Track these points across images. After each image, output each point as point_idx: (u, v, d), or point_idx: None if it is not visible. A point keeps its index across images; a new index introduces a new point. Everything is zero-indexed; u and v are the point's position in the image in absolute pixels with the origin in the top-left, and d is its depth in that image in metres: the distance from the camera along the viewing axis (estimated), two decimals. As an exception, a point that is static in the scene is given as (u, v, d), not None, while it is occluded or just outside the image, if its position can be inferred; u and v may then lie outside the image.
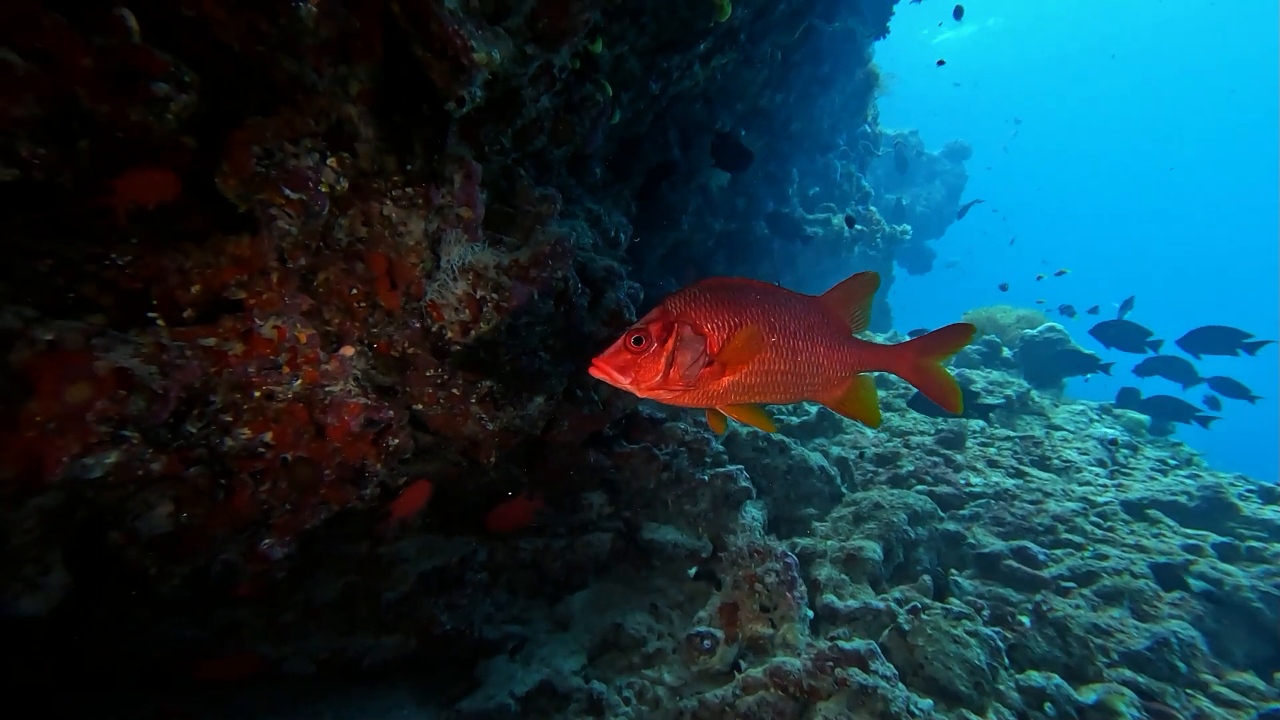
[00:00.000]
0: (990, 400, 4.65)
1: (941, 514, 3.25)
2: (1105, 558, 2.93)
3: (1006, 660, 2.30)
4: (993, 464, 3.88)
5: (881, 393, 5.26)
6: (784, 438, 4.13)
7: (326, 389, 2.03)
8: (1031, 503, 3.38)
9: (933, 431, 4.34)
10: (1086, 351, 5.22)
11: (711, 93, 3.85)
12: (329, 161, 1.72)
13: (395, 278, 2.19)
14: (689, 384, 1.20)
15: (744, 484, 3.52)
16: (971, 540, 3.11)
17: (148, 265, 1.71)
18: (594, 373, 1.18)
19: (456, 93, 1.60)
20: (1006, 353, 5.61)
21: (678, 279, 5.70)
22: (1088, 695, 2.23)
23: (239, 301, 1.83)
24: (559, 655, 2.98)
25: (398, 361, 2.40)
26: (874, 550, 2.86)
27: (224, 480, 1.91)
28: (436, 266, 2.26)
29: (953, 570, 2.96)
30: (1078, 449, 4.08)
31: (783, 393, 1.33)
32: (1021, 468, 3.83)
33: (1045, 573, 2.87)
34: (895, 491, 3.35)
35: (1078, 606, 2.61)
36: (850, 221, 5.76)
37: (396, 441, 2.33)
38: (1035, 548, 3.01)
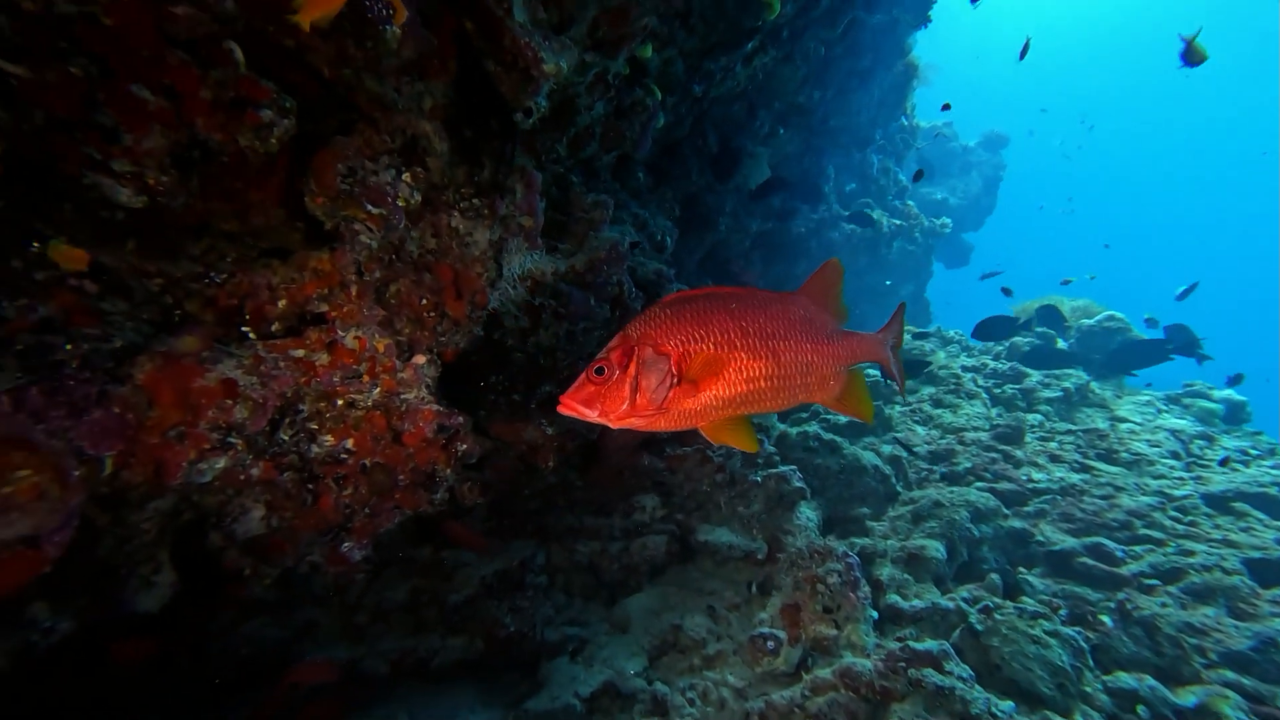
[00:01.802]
0: (1048, 394, 4.52)
1: (1006, 511, 3.17)
2: (1191, 554, 2.81)
3: (1091, 661, 2.23)
4: (1055, 459, 3.76)
5: (929, 389, 5.16)
6: (835, 437, 4.09)
7: (402, 396, 2.11)
8: (1102, 498, 3.26)
9: (988, 427, 4.23)
10: (1149, 338, 5.03)
11: (751, 92, 3.86)
12: (404, 176, 1.80)
13: (461, 287, 2.26)
14: (660, 407, 1.14)
15: (798, 484, 3.50)
16: (1040, 538, 3.02)
17: (241, 282, 1.81)
18: (562, 410, 1.13)
19: (524, 104, 1.66)
20: (1062, 344, 5.44)
21: (715, 281, 5.71)
22: (1186, 698, 2.13)
23: (322, 314, 1.92)
24: (620, 657, 3.00)
25: (463, 369, 2.47)
26: (937, 549, 2.81)
27: (311, 485, 2.00)
28: (499, 275, 2.33)
29: (1021, 569, 2.88)
30: (1148, 441, 3.92)
31: (775, 399, 1.27)
32: (1087, 462, 3.70)
33: (1124, 570, 2.77)
34: (954, 489, 3.28)
35: (1165, 605, 2.50)
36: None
37: (465, 447, 2.39)
38: (1111, 544, 2.90)
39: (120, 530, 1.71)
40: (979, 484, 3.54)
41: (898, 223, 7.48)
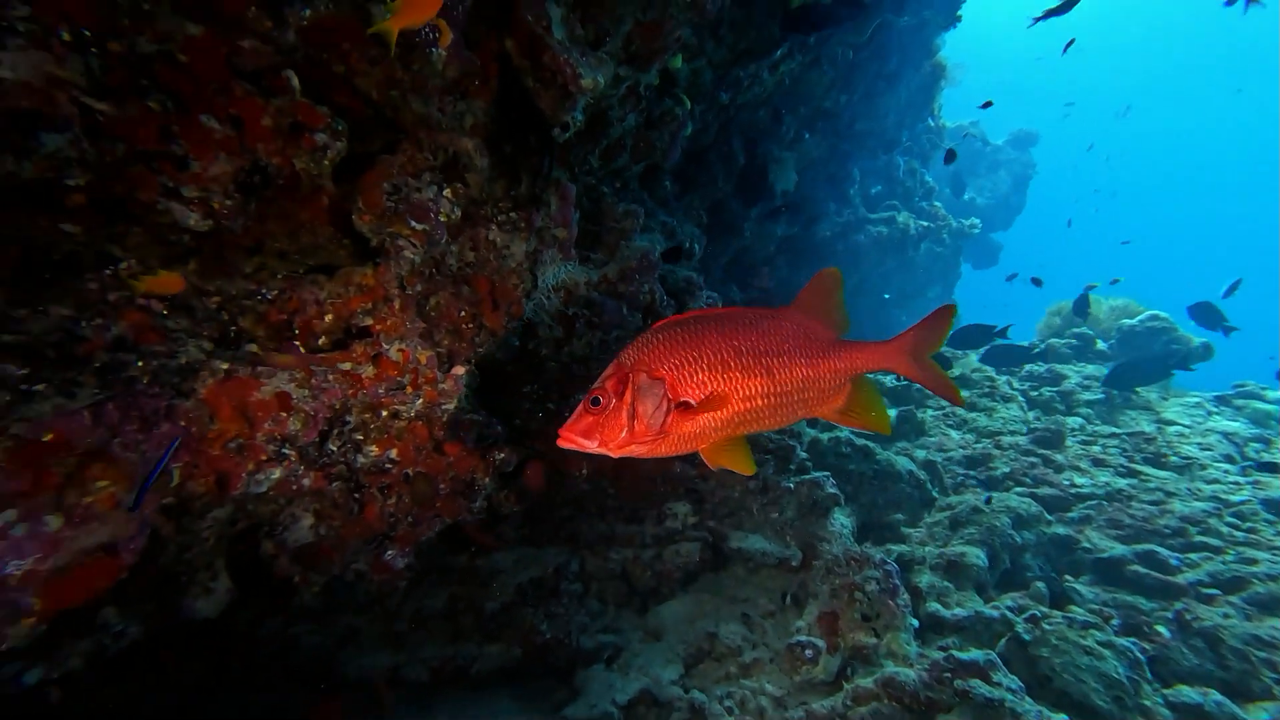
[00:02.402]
0: (1088, 396, 4.40)
1: (1048, 517, 3.10)
2: (1254, 562, 2.70)
3: (1149, 673, 2.15)
4: (1099, 463, 3.66)
5: (965, 392, 5.07)
6: (867, 442, 4.04)
7: (443, 407, 2.16)
8: (1152, 503, 3.16)
9: (1025, 431, 4.14)
10: (1197, 341, 4.87)
11: (777, 98, 3.87)
12: (445, 192, 1.85)
13: (498, 299, 2.31)
14: (659, 432, 1.13)
15: (831, 490, 3.47)
16: (1086, 544, 2.95)
17: (291, 298, 1.88)
18: (561, 444, 1.12)
19: (562, 118, 1.70)
20: (1101, 345, 5.29)
21: (740, 287, 5.71)
22: (1258, 715, 2.04)
23: (366, 328, 1.98)
24: (655, 664, 3.00)
25: (500, 378, 2.52)
26: (977, 556, 2.76)
27: (357, 495, 2.06)
28: (534, 286, 2.37)
29: (1068, 577, 2.81)
30: (1199, 444, 3.79)
31: (774, 416, 1.25)
32: (1134, 466, 3.59)
33: (1180, 579, 2.67)
34: (995, 495, 3.21)
35: (1228, 616, 2.41)
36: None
37: (502, 456, 2.43)
38: (1165, 551, 2.80)
39: (182, 538, 1.78)
40: (1019, 489, 3.46)
41: (925, 224, 7.39)
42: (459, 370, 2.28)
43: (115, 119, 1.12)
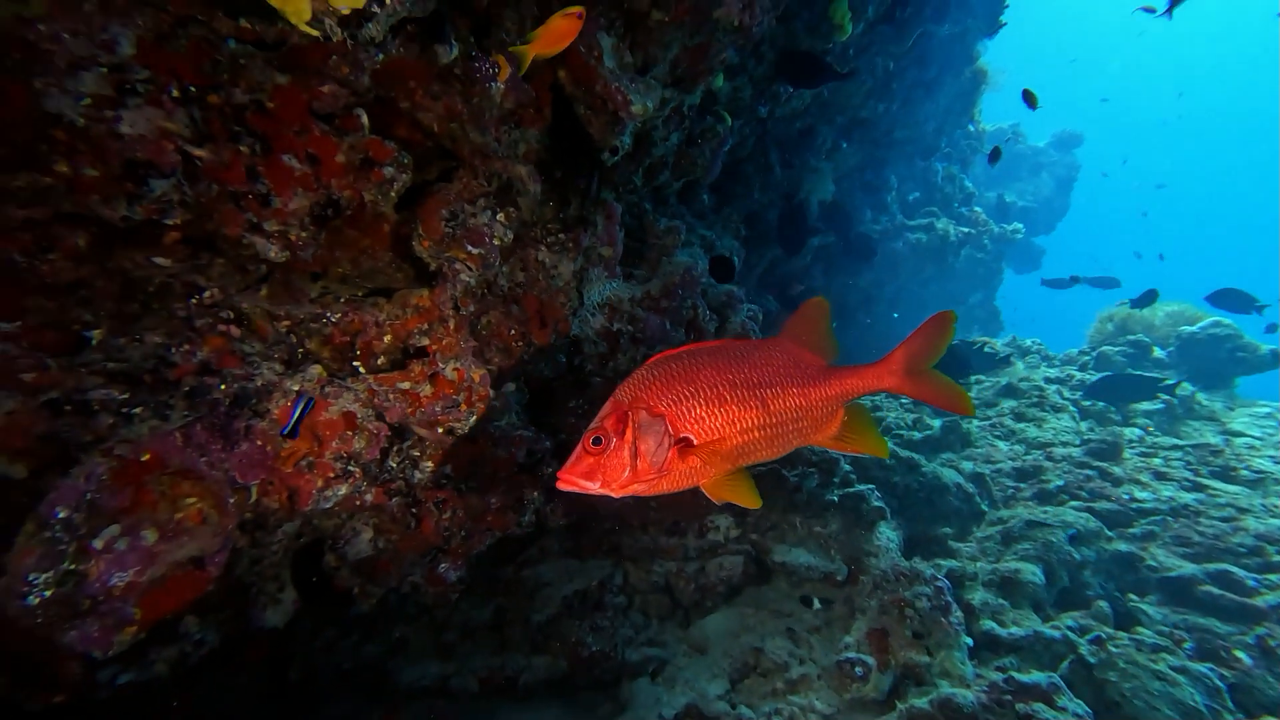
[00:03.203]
0: (1147, 405, 4.22)
1: (1109, 533, 2.98)
2: (1344, 585, 2.53)
3: (1230, 702, 2.04)
4: (1161, 476, 3.51)
5: (1010, 402, 4.93)
6: (912, 454, 3.97)
7: (495, 424, 2.23)
8: (1224, 520, 3.01)
9: (1079, 442, 4.01)
10: (1265, 349, 4.64)
11: (814, 108, 3.88)
12: (499, 217, 1.92)
13: (545, 317, 2.37)
14: (661, 469, 1.12)
15: (877, 504, 3.42)
16: (1151, 562, 2.83)
17: (353, 320, 1.97)
18: (562, 486, 1.11)
19: (611, 143, 1.75)
20: (1159, 352, 5.08)
21: (777, 298, 5.68)
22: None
23: (423, 347, 2.06)
24: (701, 678, 2.99)
25: (547, 394, 2.58)
26: (1034, 572, 2.68)
27: (414, 510, 2.14)
28: (581, 304, 2.43)
29: (1132, 596, 2.70)
30: (1272, 457, 3.59)
31: (770, 447, 1.24)
32: (1200, 480, 3.43)
33: (1259, 601, 2.53)
34: (1048, 509, 3.11)
35: (1318, 643, 2.27)
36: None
37: (551, 470, 2.48)
38: (1240, 571, 2.66)
39: (255, 551, 1.88)
40: (1074, 503, 3.35)
41: (965, 230, 7.24)
42: (510, 387, 2.34)
43: (211, 163, 1.21)
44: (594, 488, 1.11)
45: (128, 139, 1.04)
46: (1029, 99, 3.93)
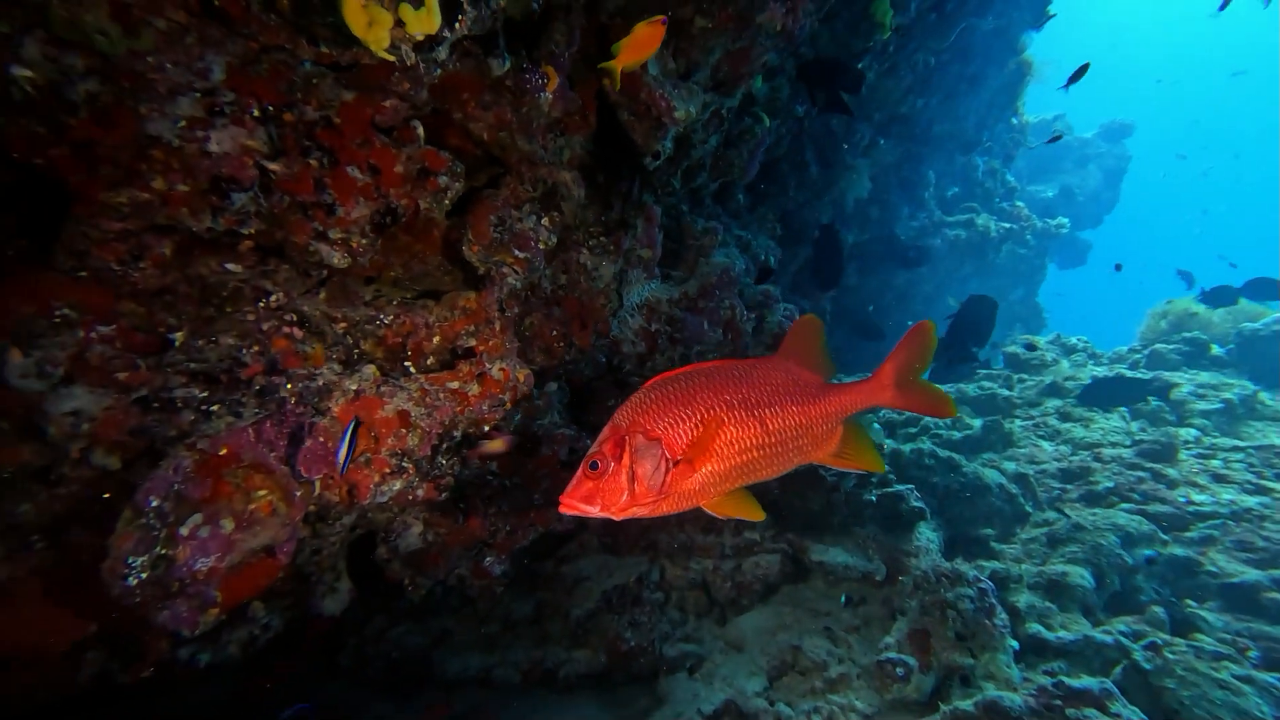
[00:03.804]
0: (1204, 405, 4.05)
1: (1163, 536, 2.89)
2: None
3: (1301, 716, 1.96)
4: (1220, 479, 3.37)
5: (1055, 401, 4.80)
6: (952, 454, 3.90)
7: (538, 421, 2.29)
8: (1290, 524, 2.87)
9: (1129, 443, 3.87)
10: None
11: (851, 106, 3.84)
12: (543, 221, 1.98)
13: (586, 318, 2.42)
14: (660, 492, 1.13)
15: (916, 504, 3.38)
16: (1211, 568, 2.72)
17: (405, 322, 2.05)
18: (563, 510, 1.13)
19: (653, 148, 1.78)
20: (1217, 350, 4.86)
21: (809, 296, 5.64)
22: None
23: (470, 348, 2.13)
24: (739, 675, 3.01)
25: (587, 393, 2.63)
26: (1082, 575, 2.61)
27: (462, 505, 2.22)
28: (620, 305, 2.48)
29: (1190, 602, 2.60)
30: (1341, 459, 3.41)
31: (770, 466, 1.24)
32: (1265, 483, 3.28)
33: (1330, 609, 2.41)
34: (1097, 511, 3.03)
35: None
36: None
37: (591, 466, 2.54)
38: (1313, 579, 2.54)
39: (315, 542, 1.98)
40: (1125, 505, 3.25)
41: (1006, 226, 7.04)
42: (552, 386, 2.41)
43: (283, 176, 1.30)
44: (594, 511, 1.12)
45: (215, 156, 1.12)
46: (1075, 76, 3.76)
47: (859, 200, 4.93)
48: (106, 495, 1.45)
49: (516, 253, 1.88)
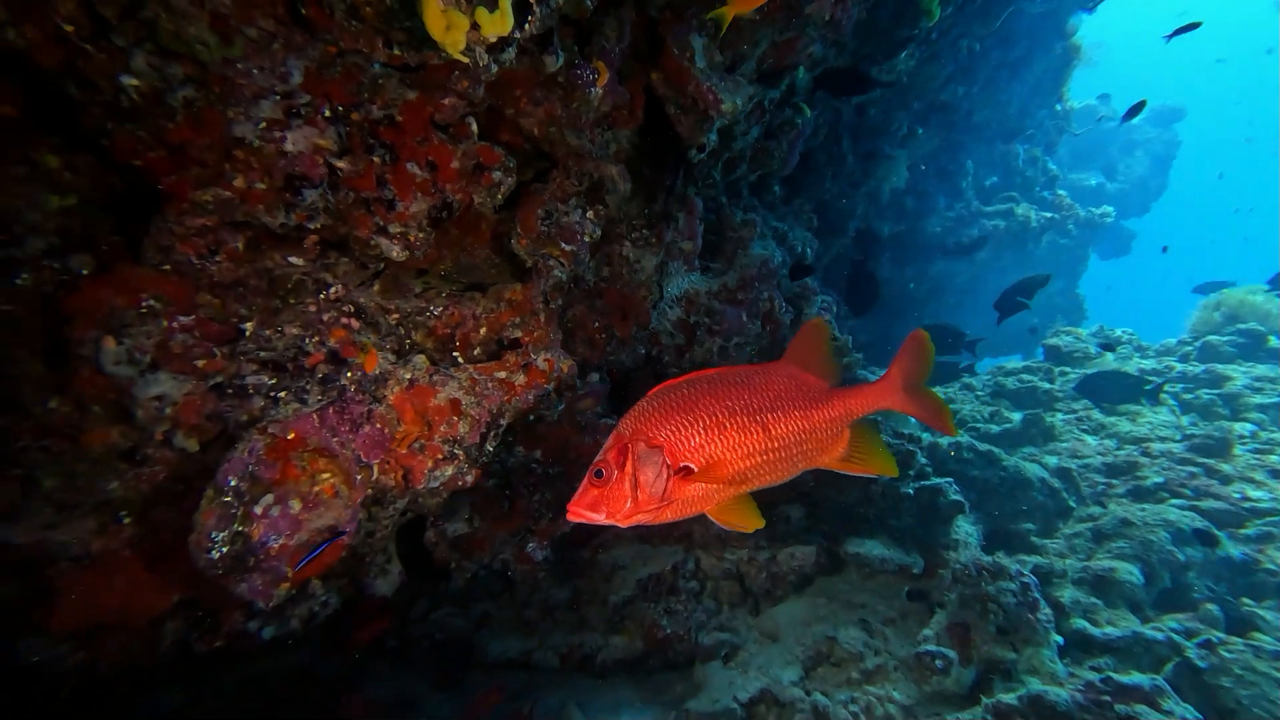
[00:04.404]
0: (1260, 399, 3.90)
1: (1217, 533, 2.81)
2: None
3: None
4: (1279, 475, 3.25)
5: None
6: (991, 447, 3.84)
7: (581, 412, 2.34)
8: (1356, 522, 2.76)
9: (1179, 438, 3.76)
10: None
11: (889, 94, 3.78)
12: (588, 214, 2.02)
13: (627, 310, 2.46)
14: (663, 499, 1.14)
15: (955, 497, 3.35)
16: (1270, 565, 2.64)
17: (453, 314, 2.11)
18: (570, 518, 1.15)
19: (699, 140, 1.80)
20: (1275, 342, 4.66)
21: (841, 290, 5.58)
22: None
23: (516, 339, 2.19)
24: (775, 665, 3.03)
25: (625, 384, 2.67)
26: (1130, 572, 2.56)
27: (507, 491, 2.29)
28: (660, 297, 2.51)
29: (1246, 600, 2.53)
30: None
31: (776, 471, 1.24)
32: (1327, 480, 3.16)
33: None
34: (1146, 506, 2.96)
35: None
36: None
37: (630, 456, 2.58)
38: (1382, 579, 2.44)
39: (369, 524, 2.06)
40: (1176, 501, 3.16)
41: (1048, 215, 6.84)
42: (593, 377, 2.45)
43: (349, 173, 1.36)
44: (599, 518, 1.13)
45: (290, 155, 1.18)
46: (1183, 30, 3.61)
47: (895, 190, 4.85)
48: (186, 475, 1.54)
49: (563, 245, 1.92)
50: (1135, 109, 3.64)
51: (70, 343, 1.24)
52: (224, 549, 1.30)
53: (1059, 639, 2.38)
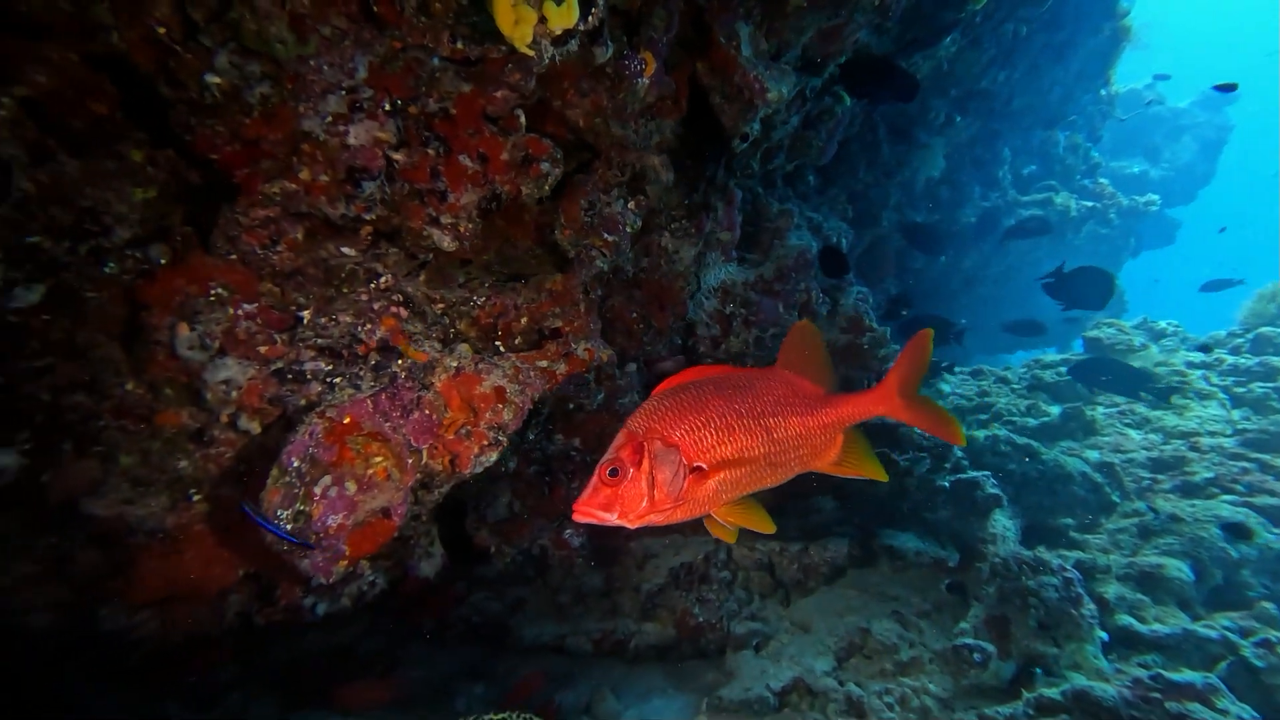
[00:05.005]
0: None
1: (1275, 530, 2.72)
2: None
3: None
4: (1337, 472, 3.13)
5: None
6: (1029, 441, 3.77)
7: (619, 400, 2.37)
8: None
9: (1231, 432, 3.64)
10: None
11: (927, 81, 3.70)
12: (629, 205, 2.03)
13: (664, 300, 2.47)
14: (677, 499, 1.12)
15: (992, 491, 3.30)
16: (1329, 563, 2.56)
17: (496, 304, 2.15)
18: (579, 518, 1.11)
19: (741, 130, 1.80)
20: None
21: (868, 281, 5.50)
22: None
23: (557, 329, 2.22)
24: (807, 655, 3.03)
25: (662, 375, 2.69)
26: (1179, 568, 2.50)
27: (547, 478, 2.33)
28: (698, 288, 2.51)
29: (1305, 598, 2.46)
30: None
31: (772, 474, 1.25)
32: (1388, 477, 3.03)
33: None
34: (1196, 502, 2.88)
35: None
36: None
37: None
38: None
39: (415, 508, 2.12)
40: (1229, 497, 3.07)
41: (1089, 204, 6.63)
42: (631, 367, 2.48)
43: (404, 165, 1.39)
44: (611, 519, 1.11)
45: (352, 148, 1.22)
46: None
47: (929, 180, 4.75)
48: (248, 456, 1.62)
49: (606, 236, 1.94)
50: (1225, 88, 3.45)
51: (147, 328, 1.30)
52: (288, 526, 1.36)
53: (1104, 635, 2.34)
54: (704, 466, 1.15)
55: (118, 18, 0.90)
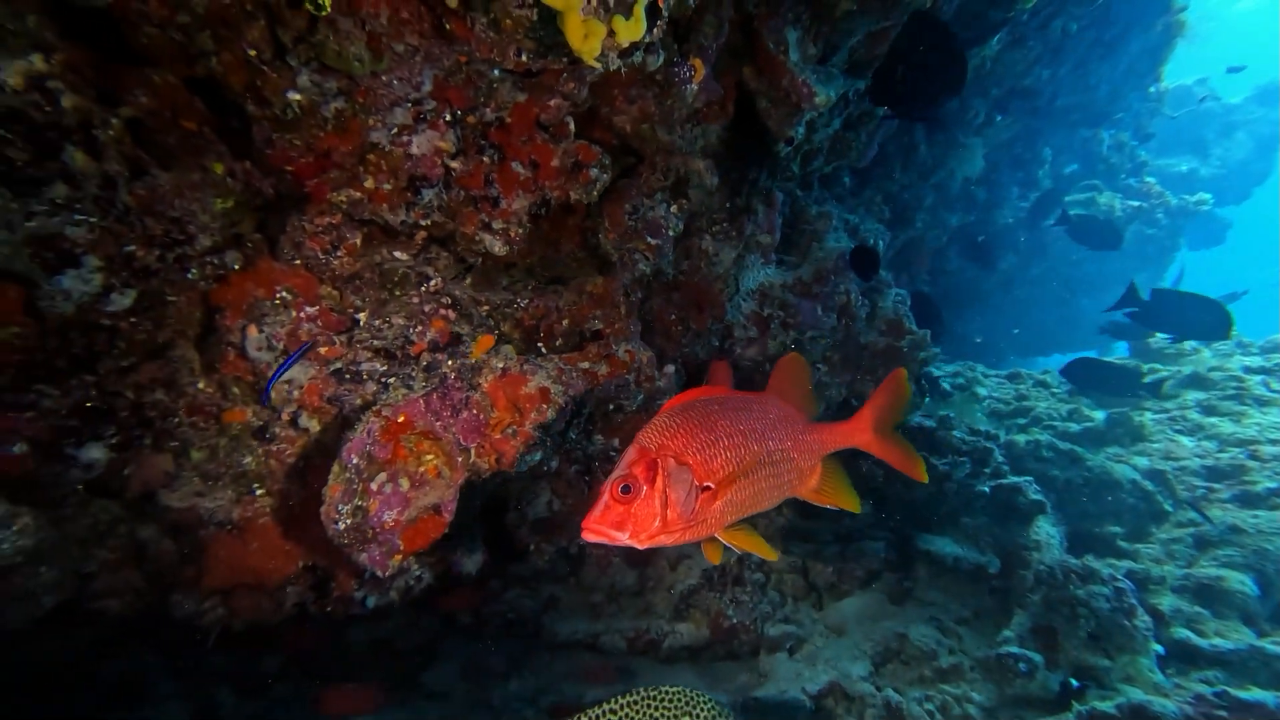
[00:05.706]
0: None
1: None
2: None
3: None
4: None
5: (1196, 394, 4.39)
6: (1073, 446, 3.68)
7: (658, 401, 2.39)
8: None
9: (1291, 441, 3.49)
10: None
11: (970, 80, 3.63)
12: (672, 209, 2.05)
13: (703, 302, 2.49)
14: (690, 519, 1.10)
15: (1035, 497, 3.23)
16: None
17: (538, 306, 2.19)
18: (589, 537, 1.08)
19: (786, 134, 1.80)
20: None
21: (899, 280, 5.42)
22: None
23: (598, 331, 2.25)
24: (842, 659, 3.01)
25: (698, 376, 2.70)
26: (1242, 581, 2.41)
27: (587, 477, 2.36)
28: (737, 290, 2.52)
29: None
30: None
31: (768, 498, 1.25)
32: None
33: None
34: (1259, 514, 2.77)
35: None
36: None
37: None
38: None
39: (459, 505, 2.17)
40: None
41: (1134, 204, 6.42)
42: (670, 368, 2.49)
43: (461, 173, 1.43)
44: (623, 539, 1.08)
45: (415, 158, 1.27)
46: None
47: (966, 180, 4.66)
48: (307, 453, 1.68)
49: (649, 240, 1.97)
50: (1235, 70, 3.36)
51: (220, 330, 1.36)
52: (348, 520, 1.41)
53: (1159, 648, 2.28)
54: (712, 486, 1.14)
55: (218, 44, 0.96)
